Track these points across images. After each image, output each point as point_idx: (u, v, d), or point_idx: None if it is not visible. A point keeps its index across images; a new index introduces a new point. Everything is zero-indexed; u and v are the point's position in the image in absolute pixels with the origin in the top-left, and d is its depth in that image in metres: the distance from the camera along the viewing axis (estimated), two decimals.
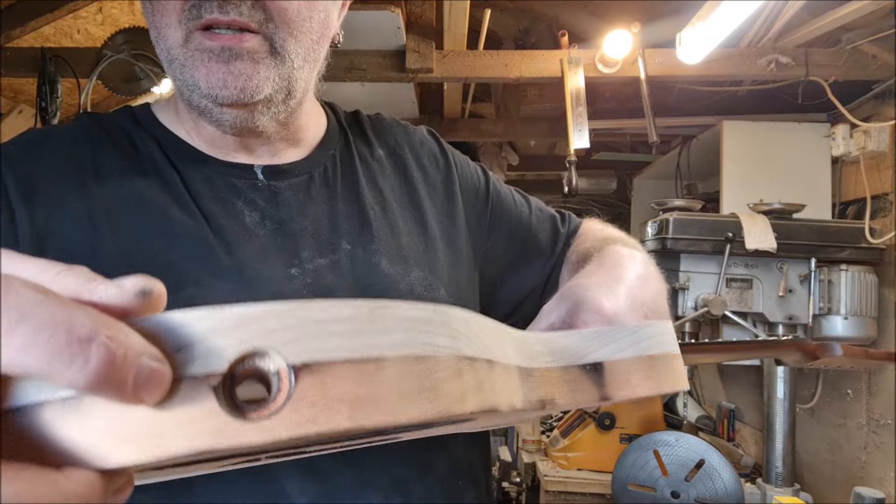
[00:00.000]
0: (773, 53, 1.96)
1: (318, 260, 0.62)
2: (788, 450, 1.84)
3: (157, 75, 2.21)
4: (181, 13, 0.55)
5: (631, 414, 2.37)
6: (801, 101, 2.12)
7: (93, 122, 0.65)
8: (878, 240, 1.78)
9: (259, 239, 0.60)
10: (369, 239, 0.65)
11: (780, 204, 1.82)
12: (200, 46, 0.55)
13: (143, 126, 0.65)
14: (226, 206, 0.61)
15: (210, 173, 0.63)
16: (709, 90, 2.31)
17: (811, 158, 2.11)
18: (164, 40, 0.57)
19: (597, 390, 0.39)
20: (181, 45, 0.56)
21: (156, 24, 0.57)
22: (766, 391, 1.88)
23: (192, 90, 0.57)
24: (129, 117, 0.66)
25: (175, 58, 0.57)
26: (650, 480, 1.92)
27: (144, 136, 0.64)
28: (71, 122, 0.66)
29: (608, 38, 2.01)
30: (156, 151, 0.63)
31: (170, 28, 0.56)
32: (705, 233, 1.77)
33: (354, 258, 0.63)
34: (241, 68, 0.55)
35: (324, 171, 0.68)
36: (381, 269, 0.64)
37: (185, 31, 0.55)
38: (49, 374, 0.20)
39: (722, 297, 1.74)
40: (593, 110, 2.52)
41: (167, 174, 0.61)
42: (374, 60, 2.16)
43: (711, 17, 1.63)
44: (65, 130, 0.64)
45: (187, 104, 0.60)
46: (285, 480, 0.54)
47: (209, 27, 0.55)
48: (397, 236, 0.67)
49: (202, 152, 0.64)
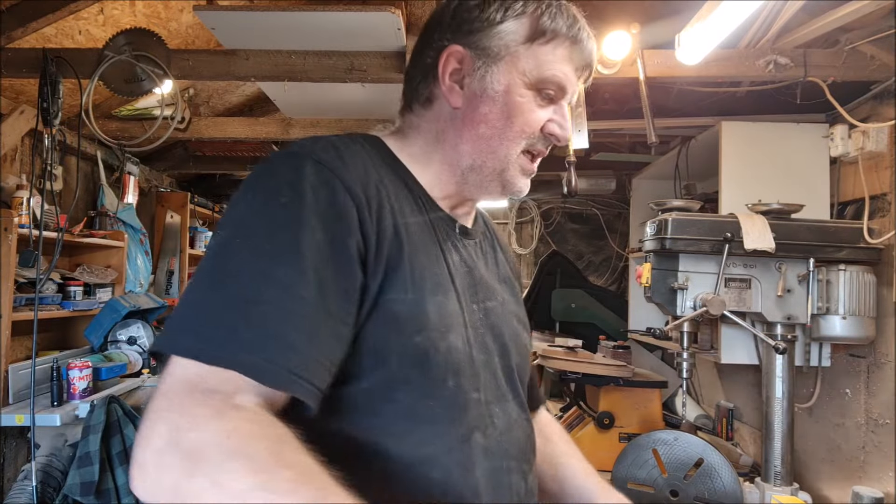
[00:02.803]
0: (772, 54, 1.97)
1: (488, 302, 0.86)
2: (787, 449, 1.84)
3: (158, 76, 2.22)
4: (523, 137, 0.84)
5: (630, 413, 2.38)
6: (800, 101, 2.13)
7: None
8: (876, 240, 1.79)
9: (461, 275, 0.83)
10: (508, 297, 0.93)
11: (779, 204, 1.83)
12: (525, 166, 0.87)
13: (389, 157, 0.85)
14: (445, 244, 0.83)
15: (435, 213, 0.85)
16: (708, 91, 2.32)
17: (810, 159, 2.11)
18: (506, 148, 0.84)
19: None
20: (517, 155, 0.85)
21: (506, 136, 0.83)
22: (764, 390, 1.89)
23: (500, 180, 0.86)
24: (375, 147, 0.85)
25: (509, 158, 0.85)
26: (649, 479, 1.93)
27: (397, 167, 0.85)
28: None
29: (607, 38, 2.01)
30: (411, 184, 0.84)
31: (514, 145, 0.84)
32: (704, 233, 1.78)
33: (505, 307, 0.90)
34: (528, 182, 0.90)
35: (487, 238, 0.96)
36: (514, 321, 0.91)
37: (519, 150, 0.85)
38: None
39: (720, 296, 1.75)
40: (592, 111, 2.53)
41: (418, 202, 0.83)
42: (375, 61, 2.17)
43: (710, 18, 1.63)
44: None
45: (479, 181, 0.86)
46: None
47: (536, 156, 0.88)
48: (517, 300, 0.96)
49: (433, 199, 0.86)
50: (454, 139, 0.84)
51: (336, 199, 0.68)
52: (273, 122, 3.30)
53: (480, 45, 0.82)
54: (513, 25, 0.82)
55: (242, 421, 0.54)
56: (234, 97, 3.63)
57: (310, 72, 2.19)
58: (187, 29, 2.83)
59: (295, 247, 0.63)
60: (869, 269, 1.81)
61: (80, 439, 2.33)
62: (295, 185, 0.67)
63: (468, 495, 0.73)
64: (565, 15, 0.83)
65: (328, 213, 0.67)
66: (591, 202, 4.81)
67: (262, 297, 0.60)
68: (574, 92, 0.86)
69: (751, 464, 2.39)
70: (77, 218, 3.23)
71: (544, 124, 0.84)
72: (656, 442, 1.94)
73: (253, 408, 0.57)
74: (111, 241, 3.24)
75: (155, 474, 0.54)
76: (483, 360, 0.80)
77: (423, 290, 0.74)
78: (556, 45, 0.82)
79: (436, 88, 0.85)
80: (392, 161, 0.84)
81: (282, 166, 0.70)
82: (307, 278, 0.62)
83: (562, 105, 0.86)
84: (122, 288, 3.36)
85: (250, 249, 0.63)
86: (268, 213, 0.66)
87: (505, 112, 0.82)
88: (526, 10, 0.82)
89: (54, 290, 2.86)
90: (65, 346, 3.20)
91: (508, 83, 0.82)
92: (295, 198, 0.66)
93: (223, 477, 0.51)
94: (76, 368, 2.60)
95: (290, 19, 1.96)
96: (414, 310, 0.72)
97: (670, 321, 1.88)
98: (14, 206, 2.64)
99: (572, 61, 0.84)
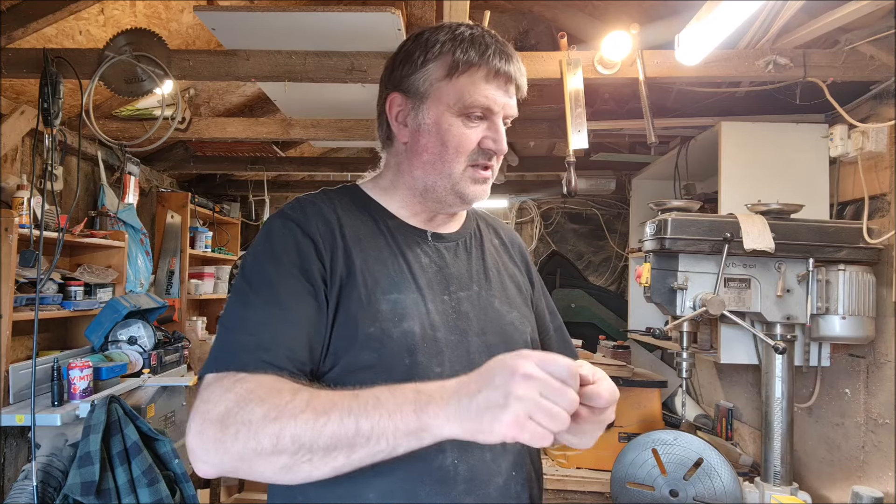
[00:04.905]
0: (772, 54, 1.97)
1: (460, 293, 1.02)
2: (787, 449, 1.85)
3: (159, 76, 2.22)
4: (461, 156, 0.99)
5: (630, 413, 2.38)
6: (800, 101, 2.13)
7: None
8: (875, 240, 1.79)
9: (428, 274, 1.01)
10: (489, 286, 1.06)
11: (779, 204, 1.83)
12: (475, 176, 1.01)
13: (358, 196, 1.08)
14: (412, 251, 1.02)
15: (403, 230, 1.04)
16: (707, 91, 2.32)
17: (809, 159, 2.11)
18: (449, 168, 1.00)
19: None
20: (461, 172, 1.00)
21: (446, 159, 0.99)
22: (764, 390, 1.89)
23: (455, 194, 1.01)
24: (346, 193, 1.08)
25: (453, 176, 1.00)
26: (649, 479, 1.93)
27: (365, 202, 1.07)
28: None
29: (607, 39, 2.01)
30: (374, 213, 1.05)
31: (455, 164, 1.00)
32: (704, 233, 1.78)
33: (480, 295, 1.04)
34: (485, 189, 1.04)
35: (465, 241, 1.10)
36: (495, 305, 1.05)
37: (466, 166, 1.00)
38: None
39: (720, 296, 1.75)
40: (592, 111, 2.53)
41: (380, 225, 1.03)
42: (375, 62, 2.17)
43: (710, 19, 1.63)
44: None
45: (438, 198, 1.03)
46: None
47: (481, 168, 1.02)
48: (505, 289, 1.09)
49: (400, 219, 1.05)
50: (409, 168, 1.03)
51: (297, 240, 0.95)
52: (273, 122, 3.30)
53: (412, 88, 1.01)
54: (433, 66, 0.99)
55: (244, 388, 0.79)
56: (234, 97, 3.64)
57: (310, 72, 2.20)
58: (188, 29, 2.83)
59: (267, 281, 0.91)
60: (868, 269, 1.81)
61: (80, 439, 2.33)
62: (269, 237, 0.96)
63: (434, 454, 0.88)
64: (477, 45, 0.97)
65: (291, 251, 0.93)
66: (591, 202, 4.81)
67: (245, 320, 0.89)
68: (504, 106, 0.99)
69: (750, 463, 2.39)
70: (78, 218, 3.24)
71: (480, 140, 0.99)
72: (656, 442, 1.94)
73: (249, 379, 0.81)
74: (112, 241, 3.24)
75: (202, 448, 0.78)
76: (455, 341, 0.97)
77: (377, 291, 0.94)
78: (472, 74, 0.97)
79: (390, 130, 1.05)
80: (362, 200, 1.06)
81: (265, 226, 1.00)
82: (275, 301, 0.90)
83: (494, 121, 1.00)
84: (122, 288, 3.36)
85: (237, 294, 0.93)
86: (254, 263, 0.95)
87: (439, 139, 0.99)
88: (443, 51, 0.98)
89: (55, 290, 2.86)
90: (65, 346, 3.20)
91: (437, 115, 0.99)
92: (266, 248, 0.95)
93: (246, 416, 0.76)
94: (77, 368, 2.60)
95: (291, 19, 1.96)
96: (367, 307, 0.92)
97: (670, 321, 1.88)
98: (15, 206, 2.64)
99: (492, 82, 0.98)
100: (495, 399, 0.69)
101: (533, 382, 0.68)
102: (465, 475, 0.90)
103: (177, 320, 3.98)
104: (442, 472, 0.89)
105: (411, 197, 1.05)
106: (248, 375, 0.82)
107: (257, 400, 0.77)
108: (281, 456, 0.74)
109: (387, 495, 0.88)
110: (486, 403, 0.69)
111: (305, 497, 0.91)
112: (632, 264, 3.52)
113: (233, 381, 0.81)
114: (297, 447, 0.74)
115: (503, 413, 0.67)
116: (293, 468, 0.75)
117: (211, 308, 4.80)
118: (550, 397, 0.68)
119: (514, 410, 0.67)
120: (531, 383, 0.68)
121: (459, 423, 0.71)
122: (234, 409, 0.77)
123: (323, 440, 0.73)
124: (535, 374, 0.68)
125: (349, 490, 0.88)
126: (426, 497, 0.88)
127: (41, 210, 2.64)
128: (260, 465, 0.76)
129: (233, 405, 0.77)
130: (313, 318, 0.90)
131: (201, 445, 0.78)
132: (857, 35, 1.88)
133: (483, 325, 1.01)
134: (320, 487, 0.88)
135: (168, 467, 2.52)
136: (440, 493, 0.89)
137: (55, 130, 2.37)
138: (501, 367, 0.70)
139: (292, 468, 0.75)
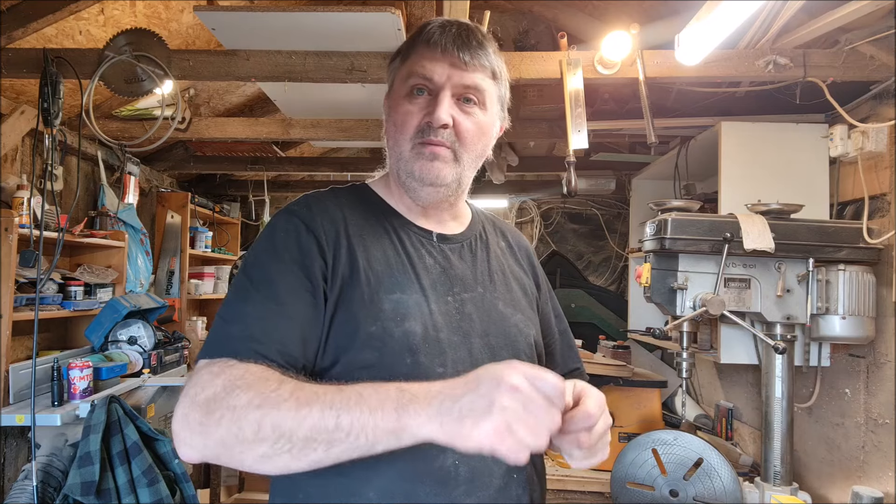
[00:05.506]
0: (772, 54, 1.97)
1: (464, 294, 1.02)
2: (787, 449, 1.85)
3: (159, 76, 2.22)
4: (414, 134, 0.99)
5: (630, 413, 2.38)
6: (800, 101, 2.13)
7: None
8: (875, 240, 1.79)
9: (433, 275, 1.02)
10: (493, 289, 1.07)
11: (778, 204, 1.83)
12: (421, 152, 0.99)
13: (366, 195, 1.10)
14: (417, 251, 1.03)
15: (408, 230, 1.05)
16: (707, 91, 2.32)
17: (809, 159, 2.11)
18: (400, 147, 1.01)
19: None
20: (409, 150, 1.00)
21: (397, 138, 1.01)
22: (764, 390, 1.89)
23: (408, 175, 1.00)
24: (355, 191, 1.10)
25: (403, 156, 1.01)
26: (649, 479, 1.93)
27: (373, 201, 1.09)
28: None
29: (607, 39, 2.01)
30: (378, 211, 1.07)
31: (404, 143, 1.00)
32: (703, 233, 1.78)
33: (484, 297, 1.04)
34: (438, 166, 0.99)
35: (470, 243, 1.11)
36: (499, 308, 1.05)
37: (413, 143, 1.00)
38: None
39: (720, 296, 1.75)
40: (592, 111, 2.53)
41: (386, 225, 1.04)
42: (375, 62, 2.17)
43: (710, 19, 1.63)
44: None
45: (403, 184, 1.03)
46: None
47: (427, 143, 0.99)
48: (510, 291, 1.10)
49: (406, 218, 1.07)
50: (388, 160, 1.07)
51: (300, 237, 0.96)
52: (273, 122, 3.30)
53: (389, 83, 1.07)
54: (396, 61, 1.06)
55: (233, 375, 0.81)
56: (234, 97, 3.64)
57: (310, 72, 2.20)
58: (188, 29, 2.83)
59: (266, 277, 0.92)
60: (868, 269, 1.81)
61: (80, 439, 2.34)
62: (273, 233, 0.97)
63: (435, 454, 0.89)
64: (433, 30, 1.00)
65: (293, 247, 0.94)
66: (591, 202, 4.81)
67: (243, 314, 0.90)
68: (450, 76, 0.98)
69: (750, 463, 2.39)
70: (77, 218, 3.24)
71: (423, 116, 0.99)
72: (656, 442, 1.94)
73: (239, 366, 0.82)
74: (112, 241, 3.24)
75: (186, 430, 0.79)
76: (457, 342, 0.97)
77: (379, 290, 0.94)
78: (419, 52, 1.01)
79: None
80: (369, 199, 1.08)
81: (270, 222, 1.01)
82: (272, 296, 0.90)
83: (437, 96, 0.98)
84: (122, 288, 3.36)
85: (236, 288, 0.94)
86: (255, 258, 0.96)
87: (392, 122, 1.03)
88: (403, 47, 1.05)
89: (55, 290, 2.86)
90: (65, 345, 3.20)
91: (393, 100, 1.04)
92: (269, 243, 0.96)
93: (231, 402, 0.76)
94: (77, 368, 2.60)
95: (291, 20, 1.96)
96: (370, 306, 0.93)
97: (670, 321, 1.88)
98: (15, 206, 2.64)
99: (439, 60, 0.98)
100: (479, 405, 0.68)
101: (518, 395, 0.67)
102: (466, 476, 0.90)
103: (177, 320, 3.98)
104: (443, 472, 0.89)
105: (398, 189, 1.07)
106: (238, 363, 0.82)
107: (244, 386, 0.78)
108: (262, 444, 0.74)
109: (387, 495, 0.88)
110: (470, 408, 0.68)
111: (306, 496, 0.91)
112: (632, 264, 3.52)
113: (222, 367, 0.82)
114: (277, 436, 0.74)
115: (484, 420, 0.66)
116: (272, 458, 0.75)
117: (211, 308, 4.80)
118: (534, 413, 0.67)
119: (496, 419, 0.66)
120: (516, 395, 0.67)
121: (440, 424, 0.69)
122: (221, 394, 0.78)
123: (303, 431, 0.73)
124: (522, 388, 0.67)
125: (349, 489, 0.88)
126: (426, 497, 0.88)
127: (41, 210, 2.64)
128: (240, 452, 0.76)
129: (220, 390, 0.78)
130: (310, 315, 0.91)
131: (186, 428, 0.79)
132: (857, 35, 1.88)
133: (486, 326, 1.01)
134: (321, 486, 0.89)
135: (168, 467, 2.52)
136: (440, 494, 0.88)
137: (55, 130, 2.37)
138: (489, 375, 0.70)
139: (272, 458, 0.75)
